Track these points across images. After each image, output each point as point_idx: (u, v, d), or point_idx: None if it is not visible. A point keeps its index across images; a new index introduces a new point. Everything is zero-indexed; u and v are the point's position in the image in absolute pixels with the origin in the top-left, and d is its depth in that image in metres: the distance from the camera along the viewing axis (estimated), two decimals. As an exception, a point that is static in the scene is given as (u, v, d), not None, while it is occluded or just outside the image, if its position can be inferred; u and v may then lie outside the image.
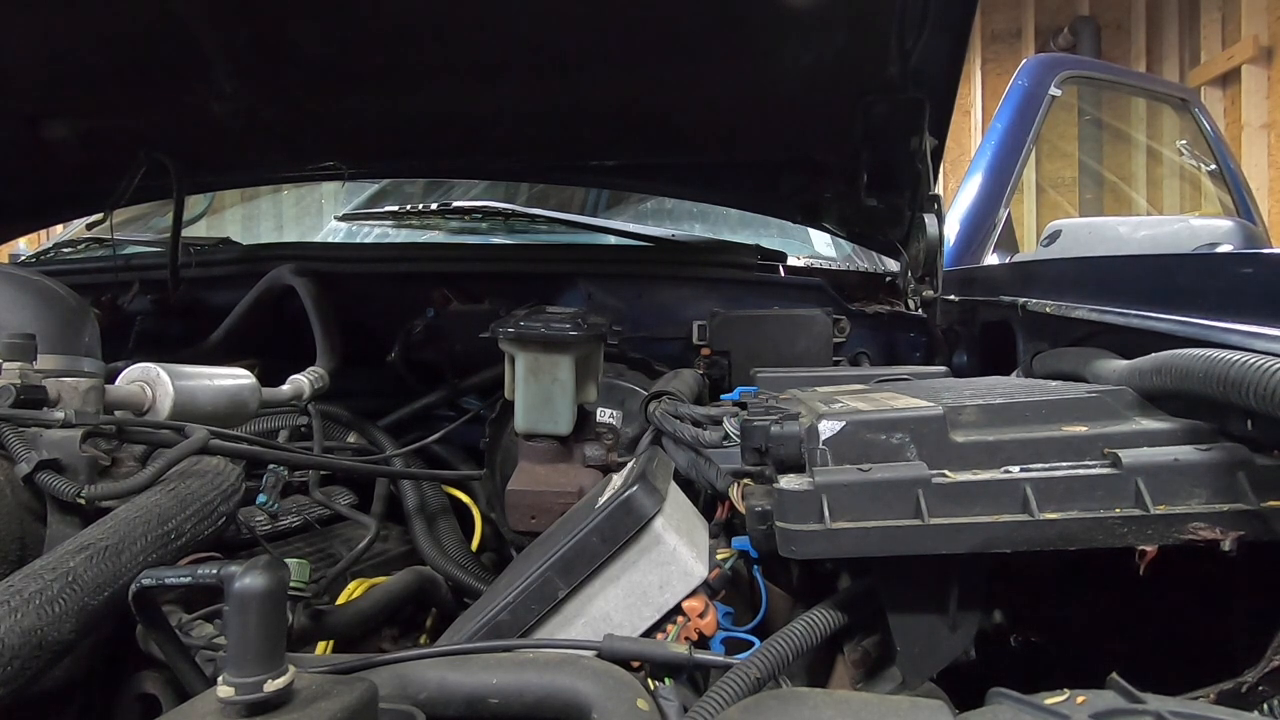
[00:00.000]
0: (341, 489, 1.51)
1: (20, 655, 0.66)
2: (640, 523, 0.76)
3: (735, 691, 0.67)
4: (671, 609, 0.79)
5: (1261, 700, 0.59)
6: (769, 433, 0.76)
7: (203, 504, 0.91)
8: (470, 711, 0.68)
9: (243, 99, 1.77)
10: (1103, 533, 0.68)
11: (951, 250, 2.24)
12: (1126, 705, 0.51)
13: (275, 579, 0.56)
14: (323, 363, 1.67)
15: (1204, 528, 0.67)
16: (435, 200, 2.36)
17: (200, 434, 1.02)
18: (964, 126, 6.74)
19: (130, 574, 0.78)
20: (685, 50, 1.55)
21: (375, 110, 1.82)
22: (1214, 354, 0.72)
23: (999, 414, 0.78)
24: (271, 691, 0.55)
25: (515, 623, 0.77)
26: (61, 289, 1.20)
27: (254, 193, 2.79)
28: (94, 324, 1.20)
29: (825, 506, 0.70)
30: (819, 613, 0.74)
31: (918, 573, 0.73)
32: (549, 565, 0.77)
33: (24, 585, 0.71)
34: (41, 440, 0.89)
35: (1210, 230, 1.90)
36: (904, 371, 1.47)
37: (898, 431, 0.75)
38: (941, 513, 0.69)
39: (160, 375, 1.12)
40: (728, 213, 2.26)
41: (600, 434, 1.40)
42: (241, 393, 1.29)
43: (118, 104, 1.81)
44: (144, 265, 2.03)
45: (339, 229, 2.51)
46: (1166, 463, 0.69)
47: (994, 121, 2.48)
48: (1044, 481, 0.70)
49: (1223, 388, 0.69)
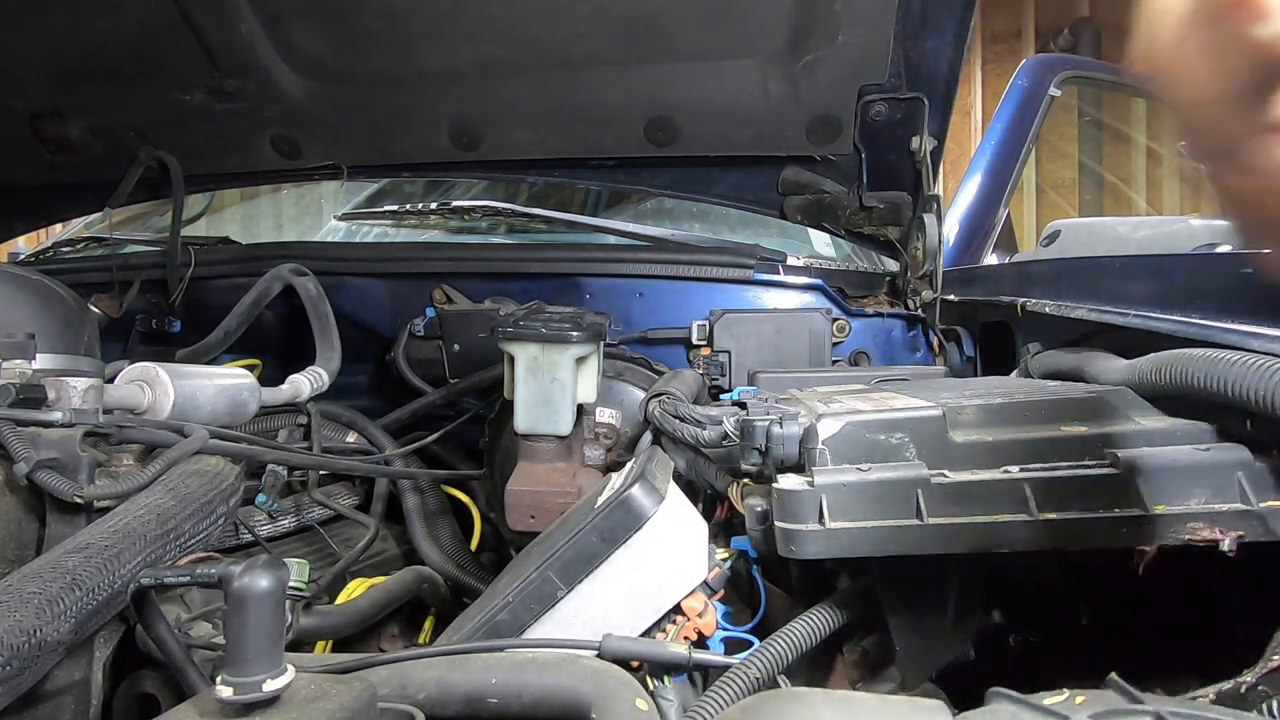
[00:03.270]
0: (340, 489, 1.51)
1: (20, 655, 0.66)
2: (640, 522, 0.76)
3: (735, 691, 0.67)
4: (671, 609, 0.79)
5: (1261, 700, 0.59)
6: (769, 433, 0.76)
7: (202, 504, 0.91)
8: (469, 711, 0.68)
9: (243, 99, 1.77)
10: (1102, 533, 0.68)
11: (951, 250, 2.24)
12: (1126, 705, 0.51)
13: (274, 579, 0.56)
14: (322, 363, 1.67)
15: (1203, 528, 0.67)
16: (435, 200, 2.36)
17: (200, 434, 1.02)
18: (964, 127, 6.73)
19: (130, 574, 0.78)
20: (686, 50, 1.55)
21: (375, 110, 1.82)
22: (1213, 354, 0.72)
23: (999, 414, 0.78)
24: (270, 691, 0.55)
25: (514, 623, 0.77)
26: (61, 289, 1.20)
27: (254, 192, 2.79)
28: (93, 324, 1.20)
29: (824, 506, 0.70)
30: (818, 613, 0.74)
31: (917, 572, 0.73)
32: (548, 565, 0.77)
33: (24, 585, 0.71)
34: (41, 440, 0.89)
35: (1210, 230, 1.90)
36: (904, 371, 1.47)
37: (897, 431, 0.75)
38: (941, 513, 0.69)
39: (160, 375, 1.12)
40: (728, 213, 2.25)
41: (600, 434, 1.40)
42: (241, 393, 1.29)
43: (118, 103, 1.81)
44: (144, 265, 2.03)
45: (339, 228, 2.51)
46: (1166, 463, 0.69)
47: (993, 122, 2.48)
48: (1044, 481, 0.70)
49: (1222, 388, 0.69)
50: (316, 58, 1.70)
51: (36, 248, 2.55)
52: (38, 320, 1.11)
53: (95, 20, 1.58)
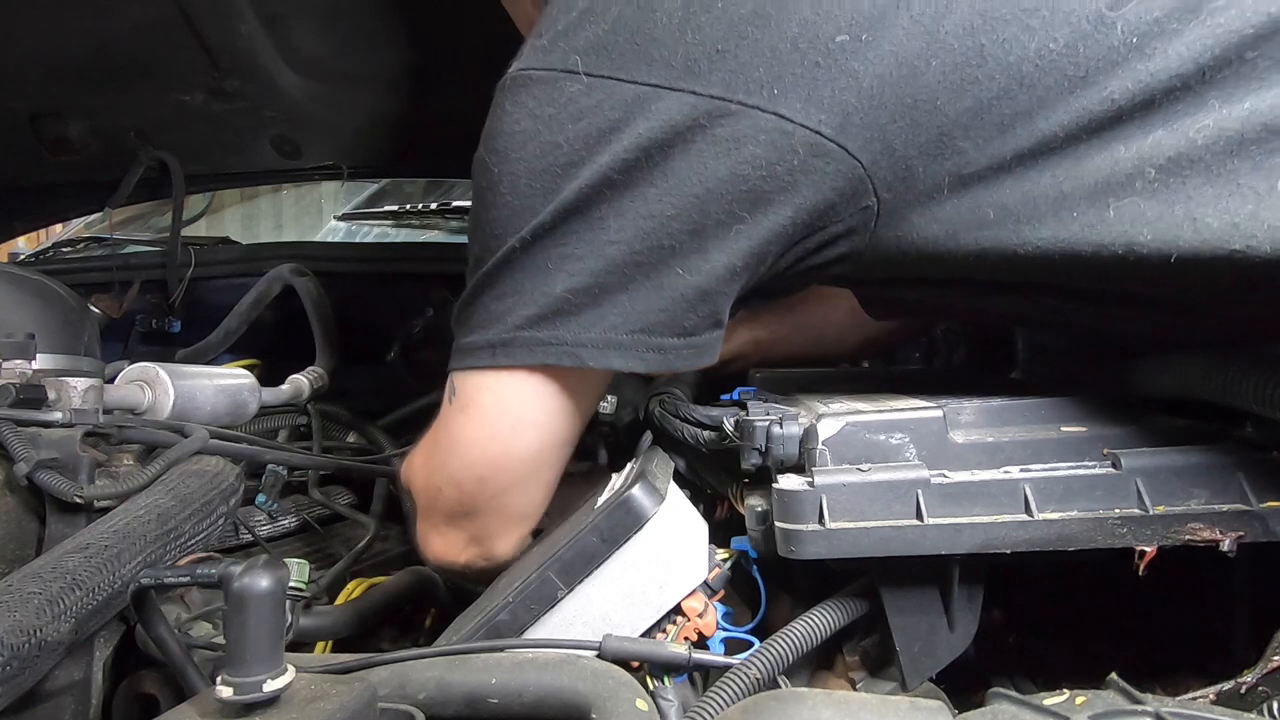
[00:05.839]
0: (341, 489, 1.51)
1: (20, 655, 0.66)
2: (640, 523, 0.76)
3: (735, 691, 0.67)
4: (671, 609, 0.79)
5: (1261, 701, 0.59)
6: (769, 433, 0.76)
7: (202, 504, 0.91)
8: (469, 711, 0.68)
9: (243, 99, 1.77)
10: (1102, 533, 0.68)
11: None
12: (1126, 705, 0.51)
13: (275, 579, 0.56)
14: (322, 363, 1.67)
15: (1203, 528, 0.67)
16: (435, 200, 2.36)
17: (200, 434, 1.02)
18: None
19: (130, 574, 0.78)
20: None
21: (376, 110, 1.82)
22: (1213, 354, 0.72)
23: (999, 414, 0.78)
24: (270, 691, 0.55)
25: (515, 623, 0.77)
26: (61, 289, 1.20)
27: (254, 192, 2.79)
28: (93, 324, 1.20)
29: (824, 507, 0.70)
30: (818, 613, 0.74)
31: (917, 573, 0.73)
32: (548, 565, 0.76)
33: (24, 585, 0.71)
34: (41, 440, 0.89)
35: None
36: (904, 371, 1.47)
37: (897, 432, 0.75)
38: (941, 513, 0.69)
39: (160, 375, 1.12)
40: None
41: (601, 432, 1.40)
42: (241, 393, 1.29)
43: (118, 103, 1.81)
44: (144, 265, 2.03)
45: (339, 229, 2.51)
46: (1166, 463, 0.69)
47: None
48: (1043, 481, 0.70)
49: (1222, 388, 0.69)
50: (316, 58, 1.70)
51: (36, 248, 2.55)
52: (38, 320, 1.11)
53: (95, 20, 1.58)
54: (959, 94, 0.68)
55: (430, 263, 1.96)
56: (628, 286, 0.74)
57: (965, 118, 0.68)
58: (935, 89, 0.68)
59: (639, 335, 0.75)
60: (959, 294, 0.85)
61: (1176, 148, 0.64)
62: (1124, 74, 0.65)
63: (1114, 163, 0.66)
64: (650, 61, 0.70)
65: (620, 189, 0.72)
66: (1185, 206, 0.64)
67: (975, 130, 0.68)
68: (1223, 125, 0.63)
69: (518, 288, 0.77)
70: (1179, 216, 0.64)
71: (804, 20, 0.69)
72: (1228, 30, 0.62)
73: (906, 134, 0.69)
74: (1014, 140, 0.68)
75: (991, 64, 0.67)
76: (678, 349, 0.77)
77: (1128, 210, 0.65)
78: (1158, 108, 0.64)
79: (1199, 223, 0.63)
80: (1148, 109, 0.65)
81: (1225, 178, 0.62)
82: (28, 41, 1.64)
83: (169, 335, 1.95)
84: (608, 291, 0.75)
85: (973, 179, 0.70)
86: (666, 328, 0.76)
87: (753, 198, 0.71)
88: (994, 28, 0.67)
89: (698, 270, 0.74)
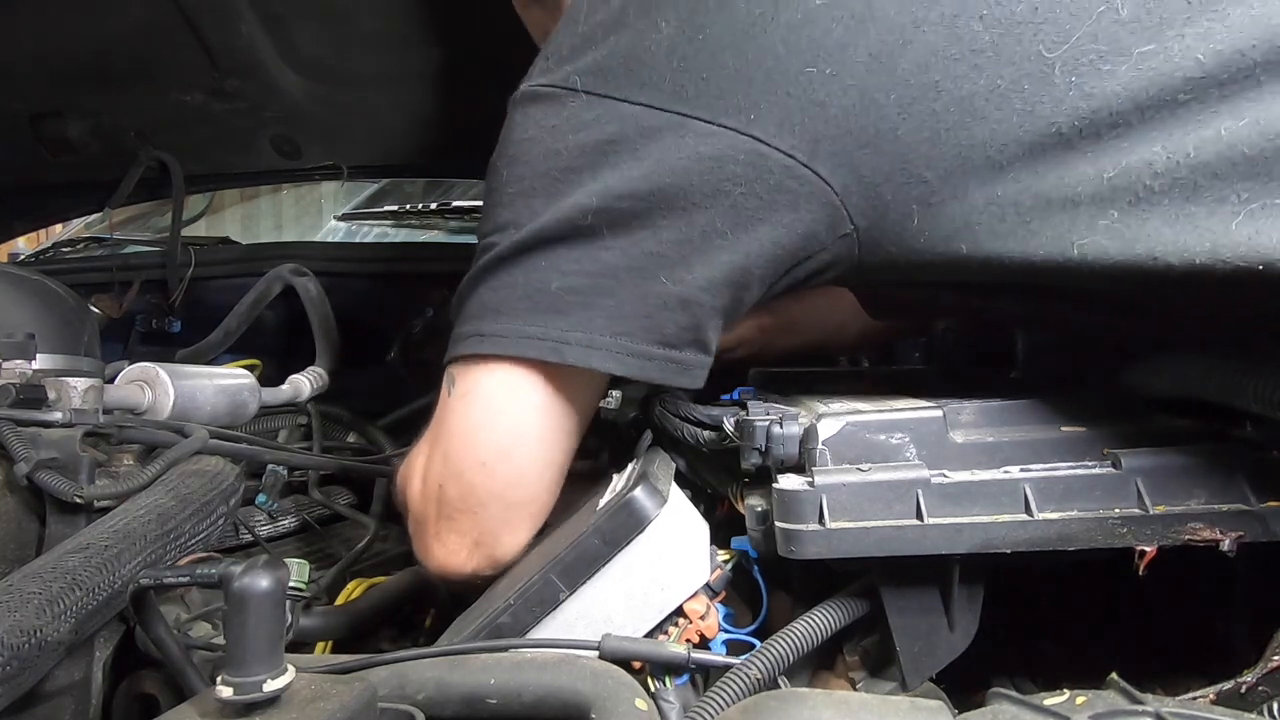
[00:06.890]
0: (341, 489, 1.51)
1: (21, 655, 0.66)
2: (642, 524, 0.76)
3: (735, 692, 0.67)
4: (673, 611, 0.79)
5: (1261, 700, 0.59)
6: (769, 433, 0.76)
7: (202, 504, 0.91)
8: (469, 711, 0.68)
9: (243, 99, 1.77)
10: (1102, 533, 0.68)
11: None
12: (1126, 705, 0.51)
13: (274, 579, 0.56)
14: (322, 363, 1.67)
15: (1203, 528, 0.67)
16: (435, 200, 2.36)
17: (200, 434, 1.02)
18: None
19: (130, 574, 0.78)
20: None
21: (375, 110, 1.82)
22: (1213, 354, 0.72)
23: (998, 414, 0.78)
24: (270, 691, 0.55)
25: (516, 624, 0.77)
26: (61, 289, 1.20)
27: (254, 192, 2.79)
28: (94, 324, 1.20)
29: (825, 507, 0.70)
30: (819, 613, 0.74)
31: (917, 573, 0.73)
32: (550, 567, 0.76)
33: (24, 585, 0.71)
34: (41, 440, 0.89)
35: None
36: (904, 371, 1.47)
37: (897, 432, 0.75)
38: (941, 513, 0.69)
39: (160, 375, 1.12)
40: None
41: (603, 429, 1.39)
42: (241, 393, 1.29)
43: (118, 103, 1.81)
44: (144, 265, 2.03)
45: (338, 229, 2.51)
46: (1166, 463, 0.69)
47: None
48: (1043, 481, 0.70)
49: (1222, 388, 0.69)
50: (316, 58, 1.70)
51: (36, 248, 2.55)
52: (38, 320, 1.11)
53: (95, 21, 1.58)
54: (918, 126, 0.72)
55: (430, 263, 1.97)
56: (616, 291, 0.79)
57: (924, 147, 0.73)
58: (895, 120, 0.72)
59: (621, 338, 0.79)
60: (954, 296, 0.89)
61: (1129, 177, 0.67)
62: (1067, 109, 0.69)
63: (1073, 183, 0.70)
64: (643, 85, 0.76)
65: (615, 198, 0.77)
66: (1141, 228, 0.67)
67: (935, 160, 0.73)
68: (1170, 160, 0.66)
69: (513, 282, 0.82)
70: (1137, 236, 0.67)
71: (776, 54, 0.74)
72: (1159, 73, 0.66)
73: (873, 162, 0.74)
74: (972, 168, 0.72)
75: (946, 98, 0.71)
76: (656, 359, 0.80)
77: (1088, 227, 0.69)
78: (1102, 139, 0.68)
79: (1153, 241, 0.67)
80: (1095, 140, 0.69)
81: (1177, 208, 0.66)
82: (28, 41, 1.64)
83: (169, 335, 1.95)
84: (598, 293, 0.79)
85: (938, 205, 0.74)
86: (647, 332, 0.79)
87: (735, 214, 0.76)
88: (946, 65, 0.71)
89: (680, 280, 0.79)
